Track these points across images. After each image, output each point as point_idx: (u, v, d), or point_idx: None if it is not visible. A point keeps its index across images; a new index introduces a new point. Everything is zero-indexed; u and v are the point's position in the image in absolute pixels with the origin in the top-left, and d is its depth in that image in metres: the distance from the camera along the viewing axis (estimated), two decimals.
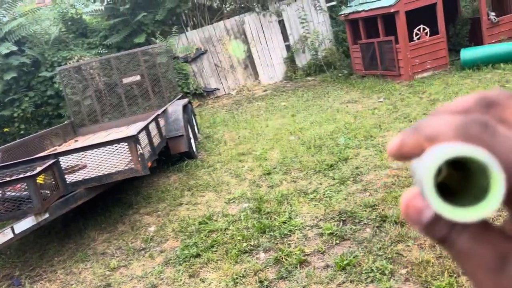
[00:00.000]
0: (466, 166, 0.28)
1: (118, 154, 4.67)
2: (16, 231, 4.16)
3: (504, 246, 0.28)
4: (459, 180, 0.30)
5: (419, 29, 8.78)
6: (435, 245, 3.29)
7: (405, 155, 0.31)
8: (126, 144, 4.53)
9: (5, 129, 10.60)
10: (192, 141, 6.80)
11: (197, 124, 8.06)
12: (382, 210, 3.92)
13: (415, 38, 8.78)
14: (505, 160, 0.27)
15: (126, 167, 4.60)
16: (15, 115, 10.36)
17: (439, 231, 0.29)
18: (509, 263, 0.28)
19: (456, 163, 0.28)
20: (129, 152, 4.55)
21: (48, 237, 5.12)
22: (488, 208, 0.27)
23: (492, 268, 0.28)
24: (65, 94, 7.85)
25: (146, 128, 5.11)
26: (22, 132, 10.36)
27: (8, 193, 4.29)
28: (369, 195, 4.28)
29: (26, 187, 4.07)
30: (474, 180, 0.28)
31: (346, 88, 9.45)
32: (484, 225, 0.29)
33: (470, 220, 0.27)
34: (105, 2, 11.44)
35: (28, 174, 4.11)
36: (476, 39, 9.27)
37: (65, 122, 7.87)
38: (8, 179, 4.26)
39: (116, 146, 4.62)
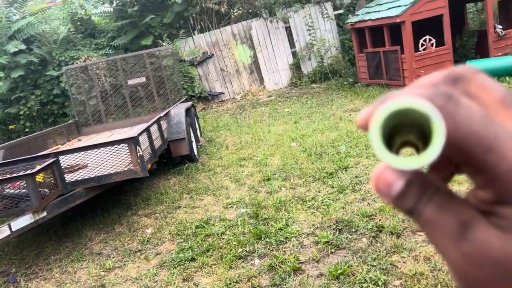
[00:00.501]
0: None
1: (118, 155, 4.68)
2: (13, 228, 4.18)
3: (466, 214, 0.30)
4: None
5: (425, 40, 8.77)
6: (430, 258, 3.28)
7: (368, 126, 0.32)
8: (126, 145, 4.55)
9: (10, 127, 10.68)
10: (194, 144, 6.82)
11: (199, 128, 8.08)
12: (379, 220, 3.91)
13: (420, 49, 8.77)
14: (465, 128, 0.28)
15: (126, 169, 4.61)
16: (21, 113, 10.44)
17: (408, 202, 0.30)
18: (470, 230, 0.29)
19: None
20: (129, 154, 4.57)
21: (46, 235, 5.14)
22: (429, 156, 0.27)
23: (455, 235, 0.29)
24: (71, 93, 7.90)
25: (147, 130, 5.13)
26: (27, 130, 10.43)
27: (7, 190, 4.32)
28: (367, 205, 4.27)
29: (25, 185, 4.09)
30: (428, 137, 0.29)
31: (350, 97, 9.45)
32: (449, 195, 0.30)
33: (412, 167, 0.28)
34: (114, 4, 11.53)
35: (27, 172, 4.13)
36: (483, 52, 9.24)
37: (69, 121, 7.92)
38: (7, 176, 4.29)
39: (116, 147, 4.64)
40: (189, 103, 7.39)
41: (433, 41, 8.75)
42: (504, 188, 0.29)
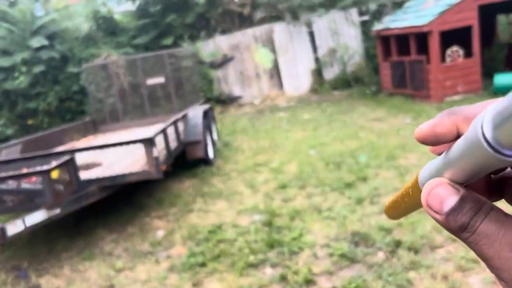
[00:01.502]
0: None
1: (134, 155, 4.65)
2: (27, 224, 4.18)
3: None
4: None
5: (452, 51, 8.56)
6: (447, 276, 3.14)
7: (436, 137, 0.32)
8: (142, 145, 4.51)
9: (29, 121, 10.81)
10: (210, 147, 6.76)
11: (217, 131, 8.03)
12: (397, 235, 3.78)
13: (447, 60, 8.56)
14: None
15: (141, 169, 4.57)
16: (40, 108, 10.55)
17: (461, 218, 0.31)
18: None
19: None
20: (144, 154, 4.52)
21: (58, 232, 5.13)
22: None
23: None
24: (89, 91, 7.94)
25: (164, 131, 5.09)
26: (45, 125, 10.53)
27: (24, 185, 4.33)
28: (385, 218, 4.13)
29: (41, 181, 4.09)
30: None
31: (373, 105, 9.28)
32: (505, 213, 0.31)
33: None
34: (137, 3, 11.60)
35: (43, 168, 4.12)
36: None
37: (87, 119, 7.96)
38: (24, 171, 4.29)
39: (132, 147, 4.60)
40: (207, 106, 7.34)
41: (461, 52, 8.53)
42: None
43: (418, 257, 3.43)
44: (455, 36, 8.66)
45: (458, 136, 0.32)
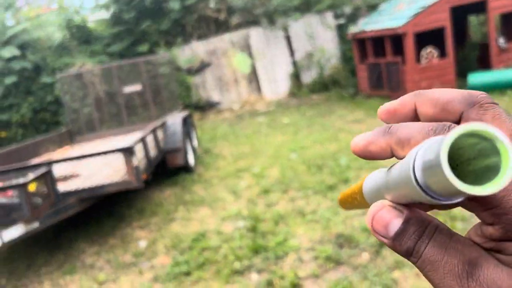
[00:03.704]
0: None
1: (113, 165, 4.57)
2: (5, 239, 4.06)
3: (471, 252, 0.29)
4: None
5: (427, 52, 8.71)
6: None
7: (371, 154, 0.32)
8: (121, 155, 4.43)
9: (2, 134, 10.52)
10: (190, 154, 6.70)
11: (196, 138, 7.97)
12: None
13: (423, 61, 8.70)
14: None
15: (120, 179, 4.49)
16: (13, 120, 10.28)
17: (406, 242, 0.30)
18: (477, 269, 0.28)
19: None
20: (124, 164, 4.45)
21: (37, 247, 5.00)
22: (505, 179, 0.25)
23: (460, 275, 0.28)
24: (64, 101, 7.78)
25: (143, 139, 5.01)
26: (19, 137, 10.27)
27: (0, 198, 4.20)
28: None
29: (17, 195, 3.97)
30: (470, 163, 0.28)
31: (351, 108, 9.37)
32: (449, 233, 0.30)
33: (489, 193, 0.25)
34: (111, 10, 11.45)
35: (19, 181, 4.01)
36: (485, 64, 9.19)
37: (62, 129, 7.79)
38: None
39: (111, 157, 4.52)
40: (186, 113, 7.28)
41: (435, 53, 8.69)
42: None
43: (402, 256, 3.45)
44: (429, 37, 8.82)
45: (392, 155, 0.32)
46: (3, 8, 10.52)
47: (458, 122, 0.32)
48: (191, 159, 6.62)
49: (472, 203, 0.30)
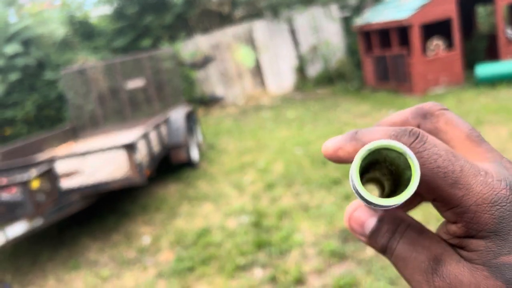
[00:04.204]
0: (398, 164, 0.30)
1: (116, 162, 4.55)
2: (9, 236, 4.08)
3: (437, 249, 0.30)
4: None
5: (433, 44, 8.60)
6: None
7: (340, 159, 0.34)
8: (124, 151, 4.41)
9: (7, 131, 10.55)
10: (195, 150, 6.67)
11: (201, 133, 7.93)
12: None
13: (429, 52, 8.59)
14: (432, 164, 0.29)
15: (123, 176, 4.47)
16: (18, 117, 10.30)
17: (380, 240, 0.32)
18: (441, 265, 0.30)
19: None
20: (126, 160, 4.43)
21: (42, 243, 5.01)
22: (408, 193, 0.28)
23: (426, 270, 0.30)
24: (68, 97, 7.77)
25: (146, 135, 4.99)
26: (24, 134, 10.29)
27: (3, 196, 4.20)
28: None
29: (20, 192, 3.97)
30: (403, 174, 0.30)
31: (356, 101, 9.29)
32: (420, 231, 0.32)
33: (393, 204, 0.28)
34: (114, 5, 11.41)
35: (22, 178, 4.00)
36: (493, 55, 9.06)
37: (66, 125, 7.79)
38: (2, 182, 4.17)
39: (113, 153, 4.50)
40: (190, 108, 7.24)
41: (442, 45, 8.58)
42: (472, 221, 0.29)
43: None
44: (436, 29, 8.71)
45: None
46: (6, 4, 10.51)
47: None
48: (195, 155, 6.59)
49: (435, 203, 0.31)
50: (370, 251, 3.51)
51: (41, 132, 9.29)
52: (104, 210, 5.41)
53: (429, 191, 0.30)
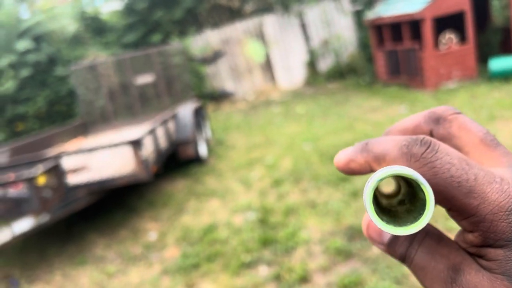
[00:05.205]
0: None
1: (123, 157, 4.55)
2: (16, 232, 4.11)
3: (455, 257, 0.30)
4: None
5: (446, 38, 8.44)
6: None
7: (352, 171, 0.34)
8: (130, 148, 4.41)
9: (19, 126, 10.65)
10: (203, 146, 6.66)
11: (210, 128, 7.91)
12: None
13: (441, 46, 8.44)
14: (445, 173, 0.29)
15: (130, 172, 4.47)
16: (30, 112, 10.39)
17: (399, 249, 0.32)
18: (460, 274, 0.29)
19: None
20: (132, 157, 4.42)
21: (49, 238, 5.05)
22: (423, 222, 0.28)
23: (446, 280, 0.29)
24: (78, 92, 7.82)
25: (152, 131, 4.98)
26: (35, 130, 10.38)
27: (10, 192, 4.24)
28: None
29: (27, 188, 4.00)
30: (417, 195, 0.30)
31: (367, 96, 9.18)
32: (438, 239, 0.31)
33: (409, 233, 0.28)
34: (124, 1, 11.42)
35: (28, 174, 4.02)
36: (508, 49, 8.86)
37: (76, 121, 7.84)
38: (9, 179, 4.20)
39: (120, 149, 4.50)
40: (198, 103, 7.22)
41: (454, 39, 8.41)
42: (489, 231, 0.28)
43: None
44: (449, 22, 8.54)
45: (371, 170, 0.33)
46: (18, 1, 10.59)
47: None
48: (203, 151, 6.58)
49: (451, 212, 0.30)
50: (376, 250, 3.46)
51: (52, 128, 9.37)
52: (111, 206, 5.43)
53: (444, 201, 0.29)
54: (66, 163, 4.50)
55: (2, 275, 4.42)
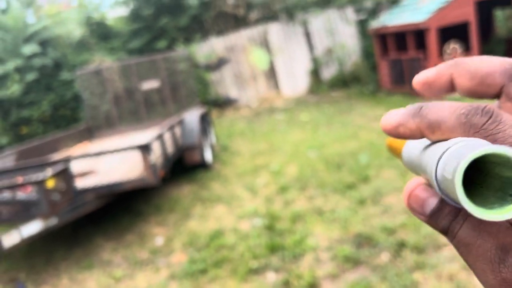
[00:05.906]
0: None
1: (130, 162, 4.57)
2: (24, 235, 4.11)
3: (505, 237, 0.28)
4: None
5: (451, 48, 8.50)
6: (453, 276, 3.07)
7: (400, 136, 0.31)
8: (139, 152, 4.43)
9: (24, 130, 10.67)
10: (208, 152, 6.67)
11: (214, 134, 7.94)
12: (401, 235, 3.70)
13: (445, 56, 8.49)
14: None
15: (138, 177, 4.48)
16: (35, 116, 10.41)
17: (442, 221, 0.30)
18: (510, 255, 0.27)
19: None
20: (141, 161, 4.44)
21: (56, 242, 5.05)
22: None
23: (492, 259, 0.28)
24: (83, 97, 7.85)
25: (160, 136, 5.00)
26: (40, 133, 10.39)
27: (19, 195, 4.25)
28: (388, 219, 4.05)
29: (36, 191, 4.01)
30: (492, 171, 0.27)
31: (372, 105, 9.22)
32: None
33: (498, 219, 0.25)
34: (130, 7, 11.50)
35: (37, 177, 4.04)
36: None
37: (82, 125, 7.86)
38: (18, 181, 4.21)
39: (128, 154, 4.52)
40: (204, 109, 7.26)
41: (459, 49, 8.47)
42: None
43: (423, 257, 3.36)
44: (453, 32, 8.60)
45: (423, 137, 0.31)
46: (25, 5, 10.66)
47: (498, 95, 0.31)
48: (208, 156, 6.60)
49: None
50: (385, 257, 3.46)
51: (56, 132, 9.38)
52: (119, 210, 5.43)
53: None
54: (75, 166, 4.51)
55: (9, 278, 4.42)
